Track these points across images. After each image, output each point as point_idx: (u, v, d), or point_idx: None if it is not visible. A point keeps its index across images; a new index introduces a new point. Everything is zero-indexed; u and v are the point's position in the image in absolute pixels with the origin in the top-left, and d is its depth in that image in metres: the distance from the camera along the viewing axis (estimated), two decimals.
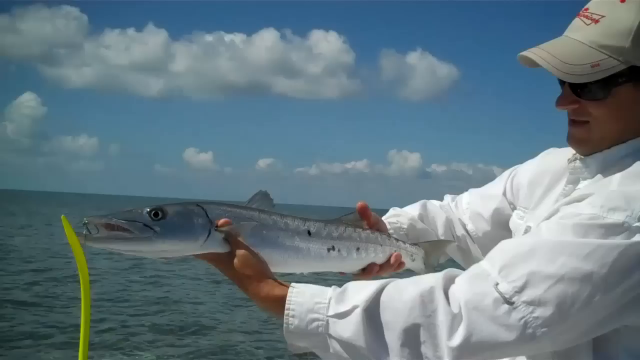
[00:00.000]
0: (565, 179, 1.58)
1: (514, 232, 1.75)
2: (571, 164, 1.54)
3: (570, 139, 1.50)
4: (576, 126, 1.47)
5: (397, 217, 1.94)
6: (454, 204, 2.00)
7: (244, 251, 1.42)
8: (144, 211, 1.36)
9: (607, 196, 1.27)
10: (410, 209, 1.98)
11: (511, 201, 1.85)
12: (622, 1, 1.37)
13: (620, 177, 1.35)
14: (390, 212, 1.97)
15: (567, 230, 1.26)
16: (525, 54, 1.44)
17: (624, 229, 1.21)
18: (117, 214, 1.35)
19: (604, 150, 1.44)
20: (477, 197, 1.95)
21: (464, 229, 1.94)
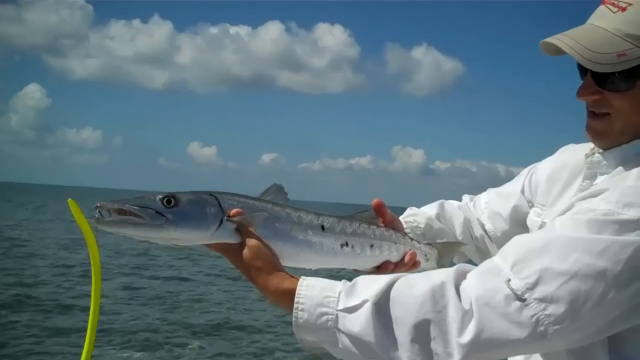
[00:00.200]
0: (583, 174, 1.55)
1: (530, 229, 1.72)
2: (588, 159, 1.51)
3: (589, 132, 1.46)
4: (596, 118, 1.43)
5: (414, 216, 1.93)
6: (472, 204, 1.98)
7: (255, 242, 1.41)
8: (157, 198, 1.36)
9: (622, 192, 1.24)
10: (427, 208, 1.96)
11: (529, 199, 1.83)
12: None
13: (637, 172, 1.31)
14: (407, 212, 1.96)
15: (581, 226, 1.23)
16: (549, 40, 1.40)
17: (639, 225, 1.18)
18: (130, 199, 1.36)
19: (622, 145, 1.41)
20: (496, 196, 1.93)
21: (483, 229, 1.92)
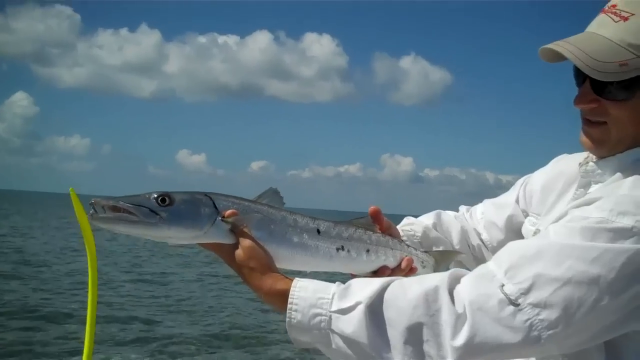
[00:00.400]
0: (577, 183, 1.55)
1: (525, 238, 1.71)
2: (582, 168, 1.51)
3: (584, 140, 1.46)
4: (592, 126, 1.43)
5: (412, 225, 1.94)
6: (469, 214, 2.00)
7: (248, 243, 1.42)
8: (152, 196, 1.37)
9: (616, 200, 1.25)
10: (424, 218, 1.98)
11: (524, 208, 1.84)
12: None
13: (631, 181, 1.32)
14: (404, 221, 1.98)
15: (575, 233, 1.24)
16: (550, 46, 1.39)
17: (633, 233, 1.19)
18: (125, 197, 1.37)
19: (617, 154, 1.41)
20: (491, 206, 1.95)
21: (479, 238, 1.93)
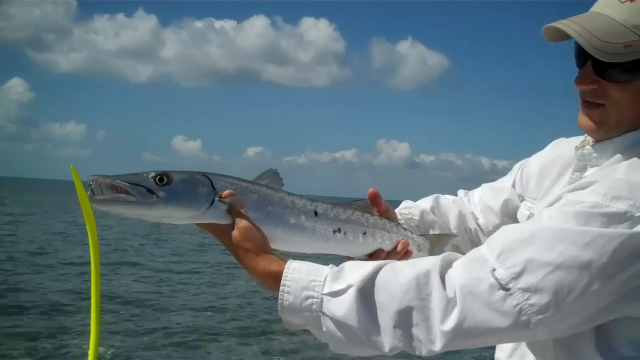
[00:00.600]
0: (573, 167, 1.54)
1: (520, 222, 1.71)
2: (579, 151, 1.50)
3: (583, 122, 1.44)
4: (591, 108, 1.42)
5: (409, 208, 1.94)
6: (467, 199, 1.99)
7: (244, 224, 1.43)
8: (149, 176, 1.37)
9: (611, 184, 1.24)
10: (422, 201, 1.98)
11: (520, 193, 1.83)
12: None
13: (627, 165, 1.31)
14: (402, 204, 1.98)
15: (569, 217, 1.23)
16: (555, 24, 1.37)
17: (626, 218, 1.18)
18: (123, 176, 1.37)
19: (614, 137, 1.40)
20: (489, 190, 1.94)
21: (476, 222, 1.93)
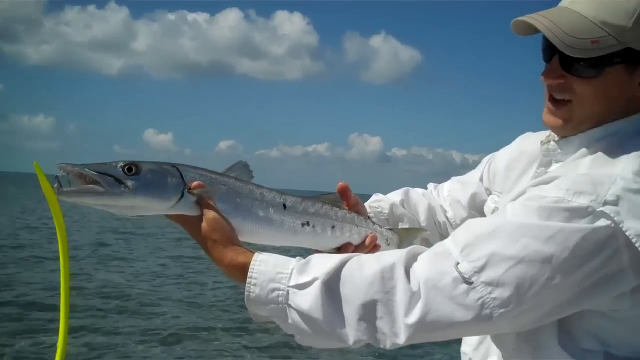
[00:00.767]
0: (538, 162, 1.56)
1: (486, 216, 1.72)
2: (544, 146, 1.52)
3: (548, 119, 1.45)
4: (557, 105, 1.43)
5: (379, 202, 1.94)
6: (436, 192, 2.01)
7: (212, 215, 1.42)
8: (118, 165, 1.36)
9: (574, 180, 1.26)
10: (392, 195, 1.98)
11: (487, 187, 1.85)
12: None
13: (590, 160, 1.33)
14: (372, 198, 1.98)
15: (532, 212, 1.24)
16: (525, 19, 1.38)
17: (588, 213, 1.20)
18: (91, 165, 1.35)
19: (578, 133, 1.41)
20: (457, 184, 1.96)
21: (445, 215, 1.94)
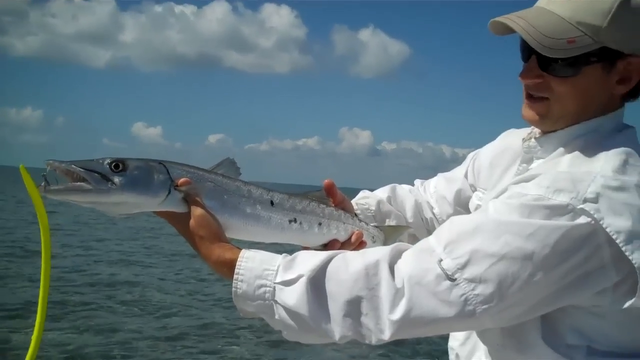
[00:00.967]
0: (520, 158, 1.58)
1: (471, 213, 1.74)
2: (525, 144, 1.54)
3: (526, 114, 1.48)
4: (533, 102, 1.45)
5: (366, 199, 1.96)
6: (423, 188, 2.02)
7: (200, 212, 1.43)
8: (105, 162, 1.37)
9: (554, 177, 1.28)
10: (379, 191, 2.00)
11: (472, 183, 1.87)
12: None
13: (570, 158, 1.36)
14: (359, 195, 2.00)
15: (513, 209, 1.26)
16: (501, 19, 1.39)
17: (568, 210, 1.22)
18: (78, 162, 1.36)
19: (559, 130, 1.44)
20: (443, 180, 1.97)
21: (431, 212, 1.96)
